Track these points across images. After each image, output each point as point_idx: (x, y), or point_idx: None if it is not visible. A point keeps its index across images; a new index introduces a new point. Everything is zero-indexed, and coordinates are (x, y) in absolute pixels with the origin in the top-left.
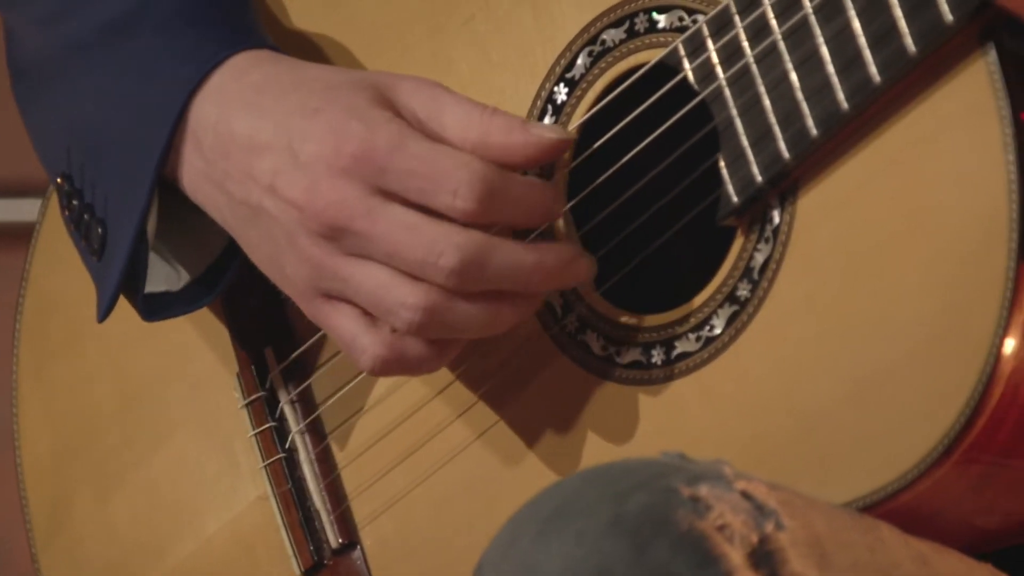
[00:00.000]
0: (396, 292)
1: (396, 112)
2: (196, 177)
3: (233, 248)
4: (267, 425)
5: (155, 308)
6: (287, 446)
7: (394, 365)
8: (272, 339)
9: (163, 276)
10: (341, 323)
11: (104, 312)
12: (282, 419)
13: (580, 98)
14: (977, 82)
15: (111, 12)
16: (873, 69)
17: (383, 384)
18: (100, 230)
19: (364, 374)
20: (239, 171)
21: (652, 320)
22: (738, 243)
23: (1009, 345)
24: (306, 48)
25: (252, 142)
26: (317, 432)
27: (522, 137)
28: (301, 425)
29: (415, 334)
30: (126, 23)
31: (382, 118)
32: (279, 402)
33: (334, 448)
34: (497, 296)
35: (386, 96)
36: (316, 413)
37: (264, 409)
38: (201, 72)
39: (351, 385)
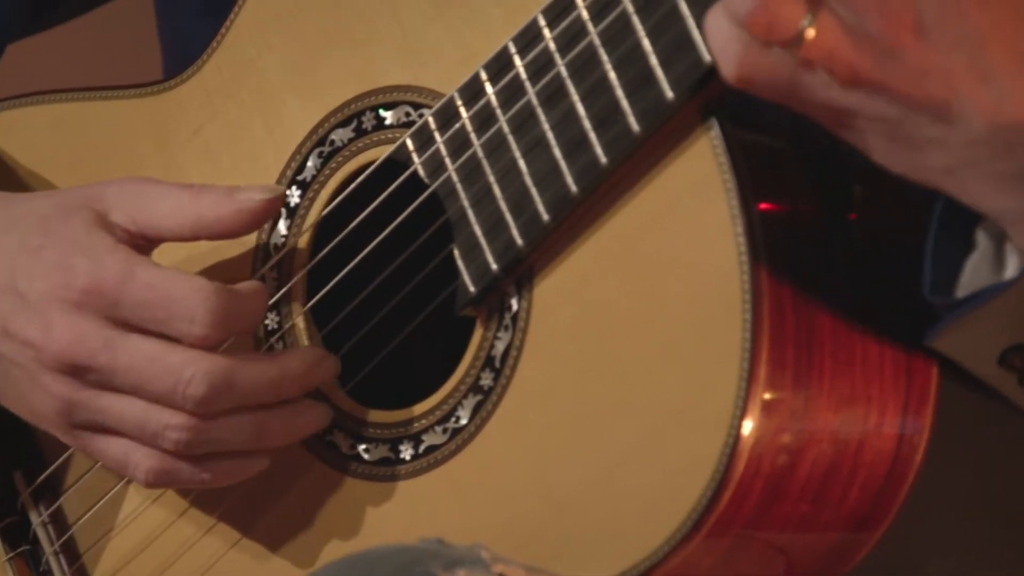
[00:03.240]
0: (157, 417)
1: (111, 227)
2: None
3: None
4: (20, 549)
5: None
6: (41, 568)
7: (168, 477)
8: (20, 462)
9: None
10: (108, 447)
11: None
12: (35, 542)
13: (313, 200)
14: (702, 157)
15: None
16: (599, 151)
17: (134, 499)
18: None
19: (115, 490)
20: None
21: (399, 415)
22: (478, 332)
23: (750, 417)
24: (36, 180)
25: None
26: (71, 552)
27: (233, 206)
28: (55, 546)
29: (185, 452)
30: None
31: (104, 246)
32: (31, 524)
33: (89, 567)
34: (255, 409)
35: (98, 212)
36: (69, 533)
37: (16, 533)
38: None
39: (103, 502)
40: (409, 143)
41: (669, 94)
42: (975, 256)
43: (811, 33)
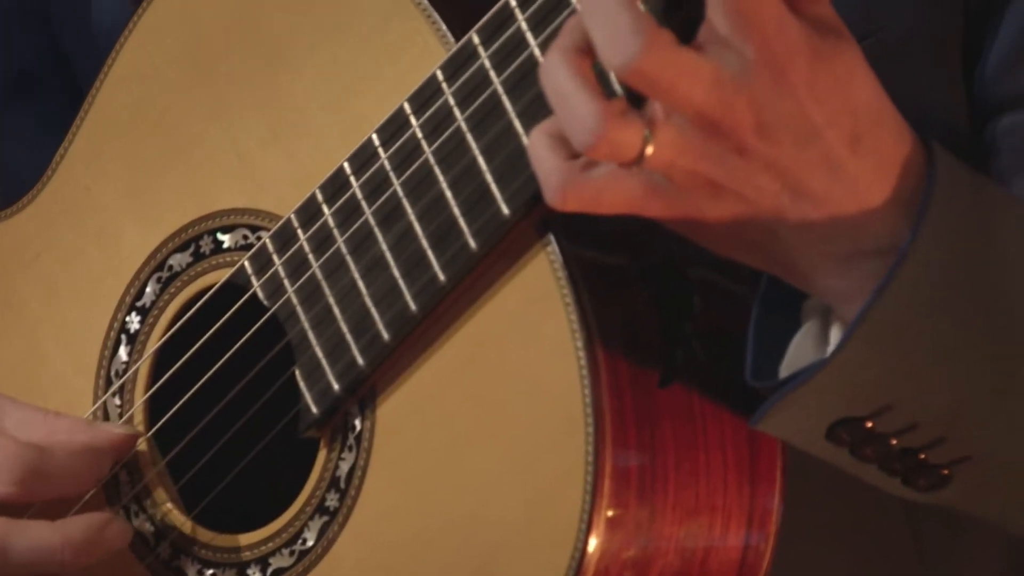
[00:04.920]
0: None
1: None
2: None
3: None
4: None
5: None
6: None
7: None
8: None
9: None
10: None
11: None
12: None
13: (153, 325)
14: (541, 272)
15: None
16: (438, 269)
17: None
18: None
19: None
20: None
21: (246, 539)
22: (323, 453)
23: (595, 533)
24: None
25: None
26: None
27: (88, 436)
28: None
29: None
30: None
31: None
32: None
33: None
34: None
35: None
36: None
37: None
38: None
39: None
40: (248, 266)
41: (506, 211)
42: (799, 336)
43: (650, 150)
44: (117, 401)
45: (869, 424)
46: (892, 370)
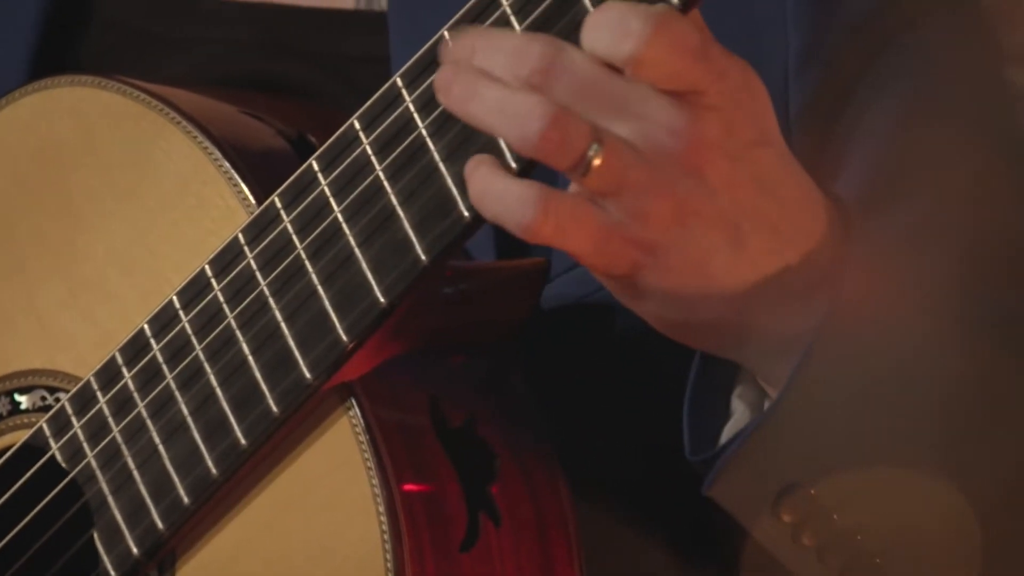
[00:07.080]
0: None
1: None
2: None
3: None
4: None
5: None
6: None
7: None
8: None
9: None
10: None
11: None
12: None
13: None
14: (343, 437)
15: None
16: (239, 433)
17: None
18: None
19: None
20: None
21: None
22: None
23: None
24: None
25: None
26: None
27: None
28: None
29: None
30: None
31: None
32: None
33: None
34: None
35: None
36: None
37: None
38: None
39: None
40: (46, 428)
41: (308, 375)
42: (732, 421)
43: (599, 160)
44: None
45: (812, 491)
46: (829, 426)
